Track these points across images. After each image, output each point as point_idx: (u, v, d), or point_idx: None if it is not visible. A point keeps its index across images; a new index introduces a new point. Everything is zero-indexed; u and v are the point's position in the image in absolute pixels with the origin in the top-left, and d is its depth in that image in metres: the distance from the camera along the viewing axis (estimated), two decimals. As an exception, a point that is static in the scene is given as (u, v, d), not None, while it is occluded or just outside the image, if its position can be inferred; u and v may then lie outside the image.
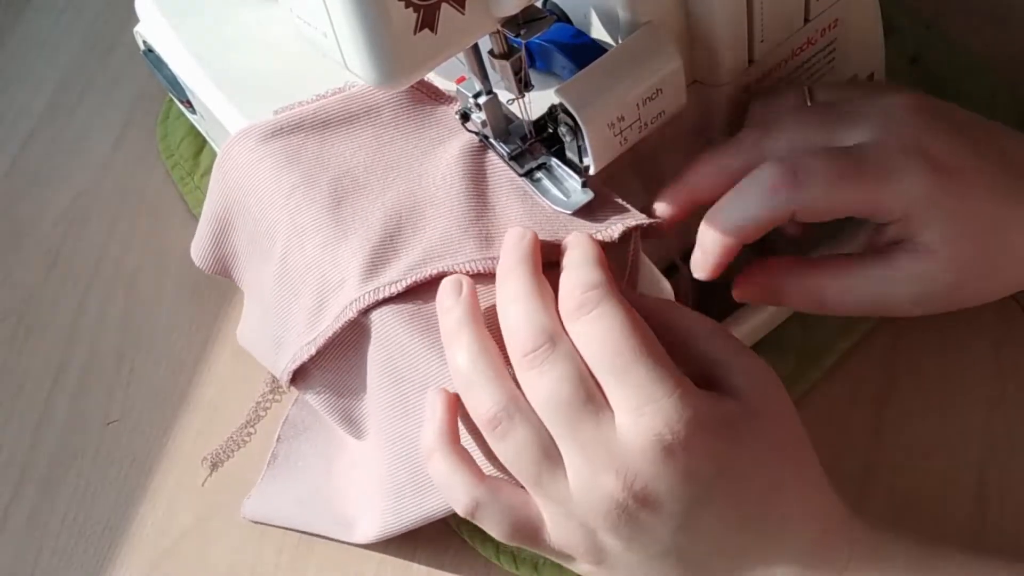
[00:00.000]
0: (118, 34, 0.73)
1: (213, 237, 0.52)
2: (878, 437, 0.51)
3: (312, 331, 0.46)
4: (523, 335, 0.39)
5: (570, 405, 0.38)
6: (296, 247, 0.47)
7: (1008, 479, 0.49)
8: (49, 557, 0.52)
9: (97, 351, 0.59)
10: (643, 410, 0.37)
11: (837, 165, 0.42)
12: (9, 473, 0.55)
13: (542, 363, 0.38)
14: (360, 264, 0.45)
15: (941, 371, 0.53)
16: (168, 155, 0.66)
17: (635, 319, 0.39)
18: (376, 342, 0.45)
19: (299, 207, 0.47)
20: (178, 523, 0.52)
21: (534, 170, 0.46)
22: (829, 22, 0.48)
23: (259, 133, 0.49)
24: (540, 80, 0.48)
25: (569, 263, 0.41)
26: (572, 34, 0.49)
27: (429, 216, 0.46)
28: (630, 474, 0.37)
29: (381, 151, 0.48)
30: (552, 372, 0.38)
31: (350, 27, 0.36)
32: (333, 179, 0.47)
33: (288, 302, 0.48)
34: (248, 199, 0.49)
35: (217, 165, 0.50)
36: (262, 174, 0.48)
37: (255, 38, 0.55)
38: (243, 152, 0.49)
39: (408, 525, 0.46)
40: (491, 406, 0.39)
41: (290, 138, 0.49)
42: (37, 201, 0.66)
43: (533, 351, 0.39)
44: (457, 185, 0.46)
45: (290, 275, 0.47)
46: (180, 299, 0.60)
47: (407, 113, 0.49)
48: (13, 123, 0.70)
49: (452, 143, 0.48)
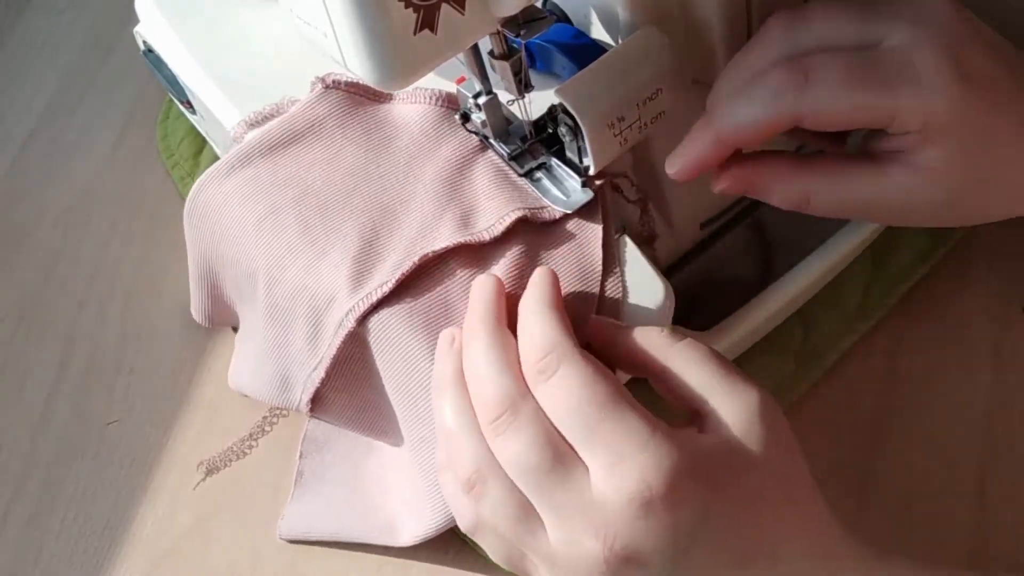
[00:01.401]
0: (118, 34, 0.73)
1: (205, 293, 0.52)
2: (878, 437, 0.51)
3: (315, 355, 0.46)
4: (487, 402, 0.39)
5: (539, 470, 0.37)
6: (278, 278, 0.46)
7: (1008, 479, 0.49)
8: (49, 557, 0.52)
9: (97, 351, 0.59)
10: (616, 468, 0.36)
11: (856, 67, 0.38)
12: (9, 473, 0.55)
13: (506, 430, 0.37)
14: (346, 276, 0.45)
15: (941, 371, 0.53)
16: (168, 155, 0.66)
17: (597, 374, 0.37)
18: (377, 349, 0.45)
19: (271, 238, 0.47)
20: (178, 523, 0.52)
21: (534, 170, 0.46)
22: (829, 22, 0.48)
23: (214, 179, 0.49)
24: (540, 80, 0.48)
25: (525, 311, 0.40)
26: (572, 34, 0.49)
27: (401, 213, 0.46)
28: (610, 534, 0.36)
29: (334, 162, 0.48)
30: (517, 438, 0.37)
31: (350, 27, 0.36)
32: (295, 201, 0.47)
33: (283, 336, 0.47)
34: (221, 246, 0.49)
35: (187, 221, 0.50)
36: (226, 217, 0.48)
37: (255, 38, 0.55)
38: (205, 201, 0.49)
39: (450, 522, 0.45)
40: (467, 467, 0.39)
41: (243, 172, 0.48)
42: (37, 201, 0.66)
43: (496, 419, 0.38)
44: (426, 175, 0.46)
45: (279, 308, 0.47)
46: (180, 299, 0.60)
47: (350, 118, 0.49)
48: (13, 123, 0.70)
49: (403, 137, 0.48)
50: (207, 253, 0.50)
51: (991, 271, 0.56)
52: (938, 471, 0.49)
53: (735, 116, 0.40)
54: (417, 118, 0.48)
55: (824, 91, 0.38)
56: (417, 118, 0.48)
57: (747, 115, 0.40)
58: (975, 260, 0.56)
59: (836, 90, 0.38)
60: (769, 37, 0.41)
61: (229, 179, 0.48)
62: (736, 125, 0.40)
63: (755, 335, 0.51)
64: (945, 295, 0.55)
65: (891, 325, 0.54)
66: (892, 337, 0.54)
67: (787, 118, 0.39)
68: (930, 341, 0.53)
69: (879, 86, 0.38)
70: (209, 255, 0.50)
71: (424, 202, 0.46)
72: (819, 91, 0.38)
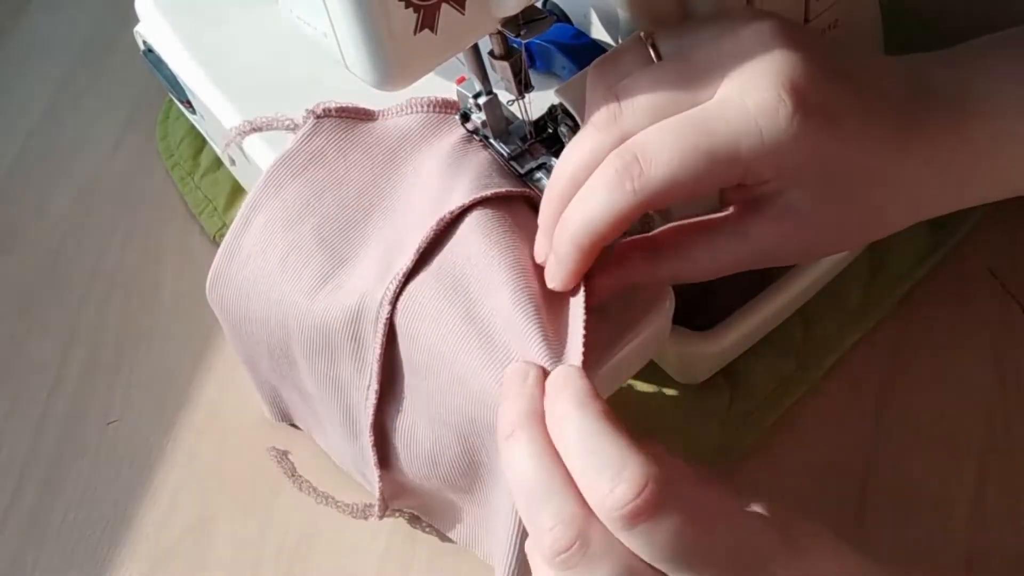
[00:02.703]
0: (118, 34, 0.73)
1: (263, 390, 0.52)
2: (878, 436, 0.51)
3: (364, 373, 0.45)
4: (549, 533, 0.34)
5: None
6: (310, 309, 0.45)
7: (1008, 478, 0.49)
8: (49, 557, 0.52)
9: (97, 351, 0.59)
10: None
11: (689, 133, 0.36)
12: (9, 473, 0.55)
13: (576, 564, 0.33)
14: (374, 278, 0.44)
15: (941, 371, 0.53)
16: (168, 155, 0.66)
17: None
18: (408, 324, 0.43)
19: (294, 274, 0.46)
20: (178, 522, 0.52)
21: (534, 170, 0.46)
22: (829, 22, 0.48)
23: (227, 256, 0.48)
24: (540, 80, 0.48)
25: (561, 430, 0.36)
26: (572, 34, 0.49)
27: (413, 214, 0.46)
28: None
29: (343, 186, 0.47)
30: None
31: (350, 28, 0.36)
32: (315, 230, 0.46)
33: (332, 371, 0.46)
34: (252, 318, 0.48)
35: (214, 304, 0.49)
36: (259, 288, 0.47)
37: (255, 38, 0.55)
38: (229, 279, 0.48)
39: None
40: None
41: (257, 221, 0.47)
42: (37, 201, 0.66)
43: (565, 551, 0.33)
44: (432, 171, 0.46)
45: (315, 343, 0.45)
46: (180, 299, 0.60)
47: (348, 143, 0.48)
48: (13, 123, 0.70)
49: (405, 148, 0.48)
50: (241, 331, 0.49)
51: (991, 271, 0.56)
52: (938, 471, 0.50)
53: (581, 222, 0.38)
54: (416, 126, 0.48)
55: (661, 170, 0.36)
56: (416, 126, 0.48)
57: (592, 219, 0.37)
58: (975, 260, 0.56)
59: (674, 166, 0.36)
60: (593, 124, 0.38)
61: (245, 237, 0.48)
62: (587, 231, 0.38)
63: (755, 335, 0.51)
64: (945, 295, 0.55)
65: (891, 325, 0.54)
66: (892, 337, 0.54)
67: (633, 209, 0.37)
68: (930, 341, 0.53)
69: (719, 147, 0.36)
70: (244, 335, 0.49)
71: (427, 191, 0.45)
72: (656, 171, 0.36)
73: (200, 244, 0.62)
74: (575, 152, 0.39)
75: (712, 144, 0.36)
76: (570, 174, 0.39)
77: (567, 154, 0.40)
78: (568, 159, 0.39)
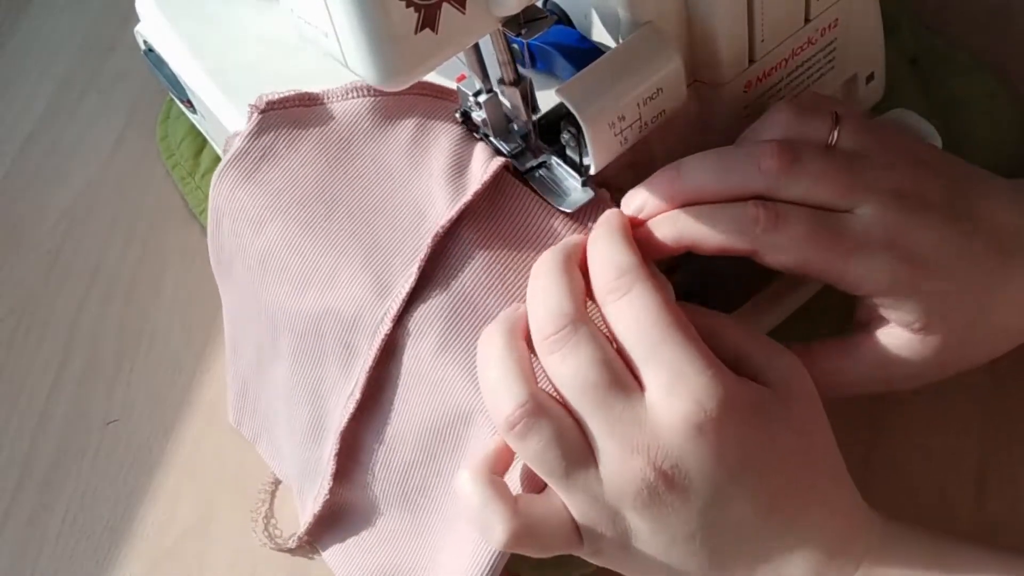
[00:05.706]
0: (118, 34, 0.73)
1: (235, 383, 0.52)
2: (878, 433, 0.51)
3: (350, 379, 0.44)
4: (544, 319, 0.39)
5: (596, 386, 0.38)
6: (296, 310, 0.45)
7: (1008, 476, 0.49)
8: (49, 557, 0.52)
9: (97, 351, 0.59)
10: (674, 388, 0.37)
11: (822, 229, 0.41)
12: (9, 473, 0.55)
13: (563, 346, 0.38)
14: (368, 288, 0.44)
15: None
16: (168, 155, 0.66)
17: (668, 301, 0.39)
18: (415, 348, 0.43)
19: (275, 276, 0.46)
20: (178, 523, 0.52)
21: (534, 169, 0.46)
22: (829, 22, 0.48)
23: (215, 259, 0.49)
24: (540, 80, 0.48)
25: (599, 238, 0.41)
26: (576, 38, 0.49)
27: (389, 210, 0.46)
28: (660, 453, 0.37)
29: (298, 182, 0.47)
30: (575, 355, 0.38)
31: (351, 27, 0.36)
32: (280, 232, 0.46)
33: (315, 373, 0.46)
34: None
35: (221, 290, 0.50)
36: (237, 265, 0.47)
37: (255, 37, 0.55)
38: (221, 278, 0.49)
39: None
40: (512, 407, 0.38)
41: (219, 231, 0.48)
42: (37, 201, 0.66)
43: (553, 335, 0.38)
44: (400, 164, 0.46)
45: (301, 347, 0.46)
46: (180, 299, 0.60)
47: (298, 138, 0.48)
48: (13, 123, 0.70)
49: (357, 136, 0.48)
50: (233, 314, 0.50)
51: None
52: (937, 470, 0.50)
53: (692, 230, 0.42)
54: (364, 112, 0.48)
55: (785, 240, 0.41)
56: (364, 112, 0.48)
57: (703, 236, 0.42)
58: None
59: (798, 243, 0.41)
60: (762, 167, 0.42)
61: (222, 240, 0.48)
62: (691, 239, 0.42)
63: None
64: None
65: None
66: (892, 337, 0.54)
67: (746, 247, 0.41)
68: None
69: (835, 250, 0.41)
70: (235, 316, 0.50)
71: (417, 195, 0.45)
72: (781, 238, 0.41)
73: (200, 244, 0.62)
74: (725, 164, 0.42)
75: (834, 246, 0.41)
76: (711, 186, 0.42)
77: (717, 160, 0.42)
78: (715, 167, 0.42)
